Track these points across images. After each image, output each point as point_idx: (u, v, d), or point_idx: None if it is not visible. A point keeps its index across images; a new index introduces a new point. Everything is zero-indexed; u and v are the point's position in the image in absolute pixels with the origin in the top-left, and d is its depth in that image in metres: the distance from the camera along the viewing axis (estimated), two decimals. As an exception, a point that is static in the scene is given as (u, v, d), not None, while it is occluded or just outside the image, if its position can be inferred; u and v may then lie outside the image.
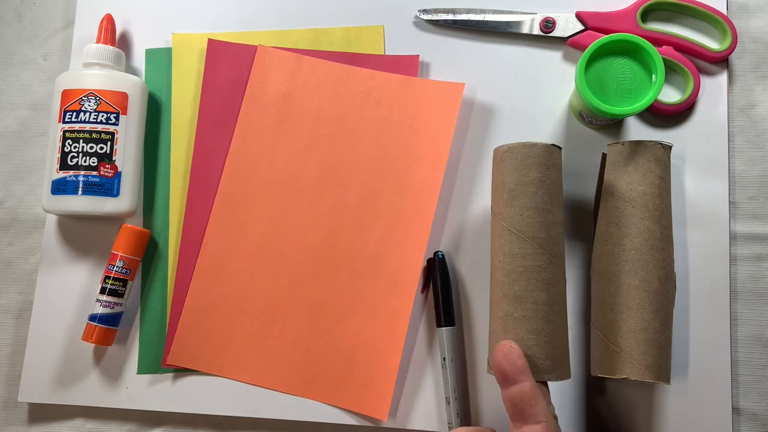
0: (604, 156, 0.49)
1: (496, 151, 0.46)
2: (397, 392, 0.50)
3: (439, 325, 0.50)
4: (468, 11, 0.54)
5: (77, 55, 0.55)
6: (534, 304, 0.42)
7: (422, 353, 0.51)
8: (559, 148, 0.45)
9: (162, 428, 0.51)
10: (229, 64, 0.54)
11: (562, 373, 0.43)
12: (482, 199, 0.52)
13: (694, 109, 0.53)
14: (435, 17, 0.54)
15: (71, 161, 0.50)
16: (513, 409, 0.39)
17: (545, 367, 0.42)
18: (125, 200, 0.51)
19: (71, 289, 0.52)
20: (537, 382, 0.40)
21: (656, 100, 0.51)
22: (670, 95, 0.53)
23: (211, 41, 0.54)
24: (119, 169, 0.50)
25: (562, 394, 0.50)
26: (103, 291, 0.50)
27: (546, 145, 0.44)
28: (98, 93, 0.50)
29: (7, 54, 0.57)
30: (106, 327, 0.50)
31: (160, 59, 0.55)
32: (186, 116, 0.54)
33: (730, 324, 0.50)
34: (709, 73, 0.53)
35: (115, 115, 0.50)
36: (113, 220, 0.53)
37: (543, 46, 0.54)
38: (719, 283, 0.50)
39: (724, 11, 0.53)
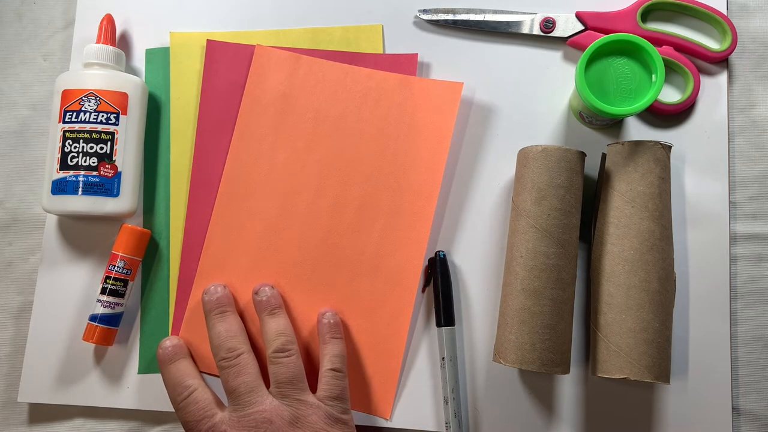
0: (604, 156, 0.49)
1: (527, 150, 0.48)
2: (397, 391, 0.50)
3: (439, 324, 0.50)
4: (468, 11, 0.54)
5: (77, 55, 0.55)
6: (551, 300, 0.45)
7: (422, 353, 0.51)
8: (585, 155, 0.48)
9: (162, 428, 0.52)
10: (228, 64, 0.54)
11: (565, 368, 0.46)
12: (481, 198, 0.52)
13: (694, 109, 0.53)
14: (435, 17, 0.54)
15: (71, 161, 0.50)
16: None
17: (554, 360, 0.45)
18: (125, 200, 0.51)
19: (71, 289, 0.52)
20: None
21: (656, 100, 0.51)
22: (670, 95, 0.53)
23: (210, 41, 0.54)
24: (119, 169, 0.50)
25: (563, 393, 0.50)
26: (103, 291, 0.50)
27: (578, 151, 0.47)
28: (98, 93, 0.50)
29: (7, 54, 0.57)
30: (107, 327, 0.50)
31: (160, 59, 0.55)
32: (186, 116, 0.54)
33: (730, 324, 0.50)
34: (709, 73, 0.53)
35: (115, 115, 0.50)
36: (113, 220, 0.53)
37: (543, 46, 0.54)
38: (719, 283, 0.50)
39: (724, 11, 0.53)
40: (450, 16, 0.54)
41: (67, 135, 0.50)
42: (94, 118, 0.50)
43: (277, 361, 0.45)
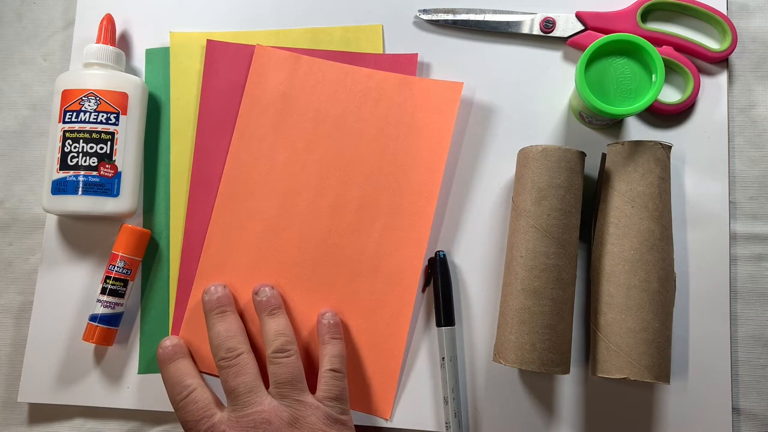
0: (604, 156, 0.49)
1: (527, 150, 0.48)
2: (397, 391, 0.50)
3: (439, 324, 0.50)
4: (468, 11, 0.54)
5: (77, 55, 0.55)
6: (551, 300, 0.45)
7: (422, 353, 0.51)
8: (585, 155, 0.48)
9: (162, 428, 0.52)
10: (228, 65, 0.54)
11: (565, 368, 0.46)
12: (481, 198, 0.52)
13: (694, 109, 0.53)
14: (435, 17, 0.54)
15: (71, 161, 0.50)
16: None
17: (554, 360, 0.45)
18: (125, 200, 0.51)
19: (71, 289, 0.52)
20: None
21: (656, 100, 0.51)
22: (670, 95, 0.53)
23: (210, 41, 0.54)
24: (119, 169, 0.50)
25: (563, 393, 0.50)
26: (103, 291, 0.50)
27: (578, 151, 0.47)
28: (98, 93, 0.50)
29: (7, 54, 0.57)
30: (107, 327, 0.50)
31: (160, 59, 0.55)
32: (186, 116, 0.54)
33: (730, 324, 0.50)
34: (709, 73, 0.53)
35: (115, 115, 0.50)
36: (113, 220, 0.53)
37: (543, 46, 0.54)
38: (719, 283, 0.50)
39: (724, 11, 0.53)
40: (450, 16, 0.54)
41: (67, 135, 0.50)
42: (94, 118, 0.50)
43: (276, 361, 0.46)
